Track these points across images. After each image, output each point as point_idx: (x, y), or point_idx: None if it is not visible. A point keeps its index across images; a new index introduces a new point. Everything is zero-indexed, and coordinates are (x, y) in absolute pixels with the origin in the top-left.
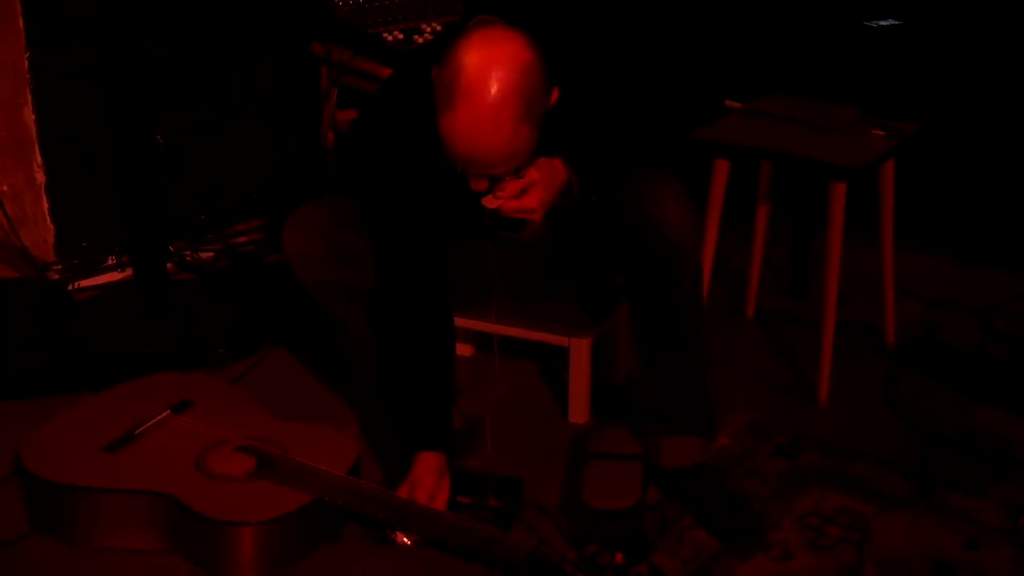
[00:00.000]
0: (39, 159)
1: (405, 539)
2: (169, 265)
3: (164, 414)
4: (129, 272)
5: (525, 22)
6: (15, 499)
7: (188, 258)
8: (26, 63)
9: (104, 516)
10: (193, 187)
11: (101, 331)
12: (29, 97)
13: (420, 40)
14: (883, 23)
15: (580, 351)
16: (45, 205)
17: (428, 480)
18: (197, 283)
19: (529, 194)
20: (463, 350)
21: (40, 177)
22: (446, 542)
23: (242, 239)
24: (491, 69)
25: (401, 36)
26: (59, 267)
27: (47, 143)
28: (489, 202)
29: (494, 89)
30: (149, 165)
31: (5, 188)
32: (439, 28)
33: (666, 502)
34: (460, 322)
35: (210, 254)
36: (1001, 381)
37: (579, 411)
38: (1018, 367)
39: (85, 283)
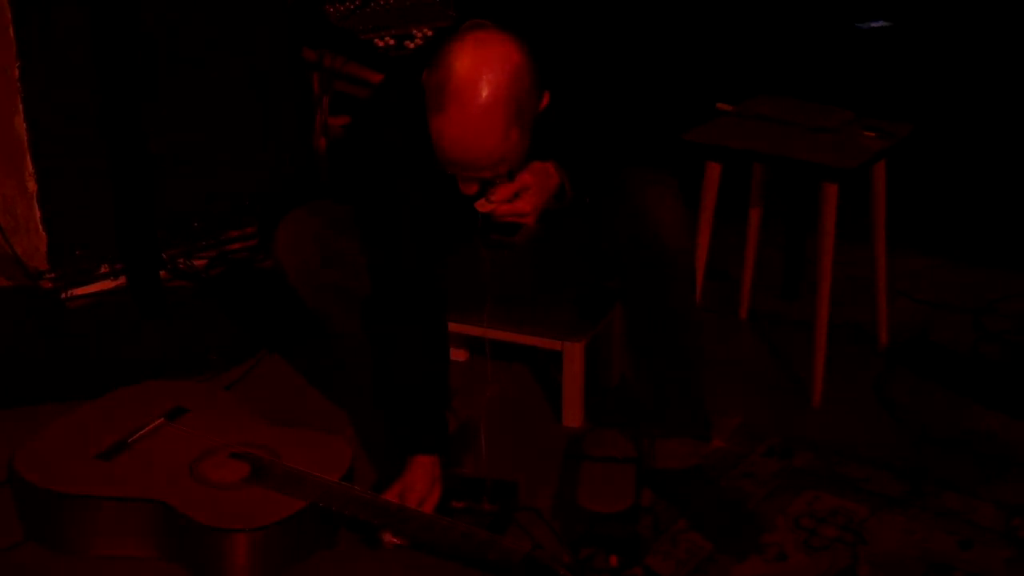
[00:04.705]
0: (31, 168)
1: (393, 539)
2: (162, 272)
3: (158, 421)
4: (122, 280)
5: (516, 26)
6: (9, 507)
7: (181, 265)
8: (17, 72)
9: (99, 524)
10: (186, 194)
11: (95, 339)
12: (20, 106)
13: (411, 45)
14: (874, 25)
15: (573, 355)
16: (37, 213)
17: (420, 484)
18: (191, 290)
19: (522, 198)
20: (456, 355)
21: (32, 185)
22: (440, 546)
23: (235, 245)
24: (481, 72)
25: (392, 42)
26: (52, 275)
27: (39, 151)
28: (482, 206)
29: (484, 92)
30: (141, 172)
31: None
32: (430, 33)
33: (660, 504)
34: (453, 327)
35: (203, 261)
36: (994, 381)
37: (573, 414)
38: (1011, 367)
39: (78, 291)
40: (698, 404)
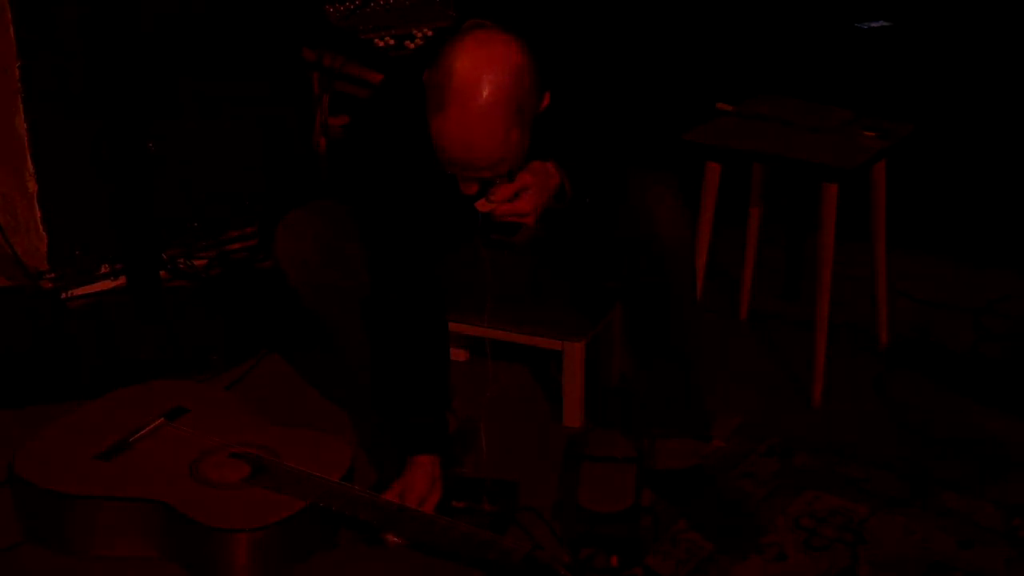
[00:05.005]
0: (31, 167)
1: (393, 539)
2: (162, 272)
3: (158, 421)
4: (122, 280)
5: (516, 26)
6: (9, 507)
7: (181, 265)
8: (17, 72)
9: (99, 524)
10: (185, 194)
11: (95, 339)
12: (20, 106)
13: (411, 45)
14: (874, 24)
15: (574, 355)
16: (38, 213)
17: (420, 484)
18: (190, 290)
19: (522, 198)
20: (457, 355)
21: (32, 185)
22: (440, 546)
23: (235, 246)
24: (482, 72)
25: (392, 42)
26: (52, 275)
27: (39, 151)
28: (482, 206)
29: (485, 92)
30: (141, 172)
31: None
32: (430, 33)
33: (660, 504)
34: (454, 327)
35: (203, 261)
36: (995, 381)
37: (573, 414)
38: (1011, 367)
39: (78, 291)
40: (698, 404)
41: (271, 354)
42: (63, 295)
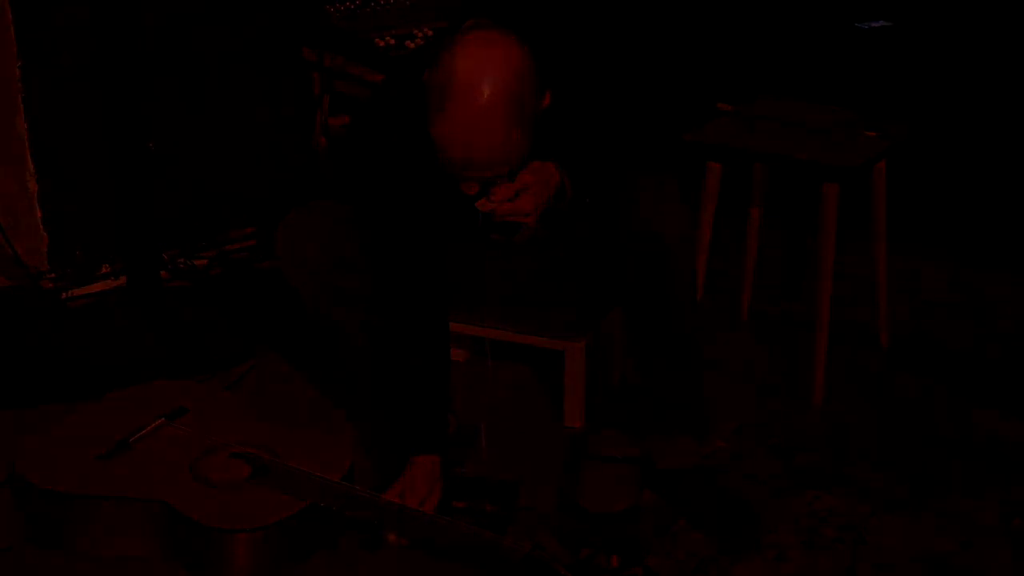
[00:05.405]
0: (32, 167)
1: (394, 539)
2: (162, 273)
3: (158, 421)
4: (123, 280)
5: (517, 25)
6: (9, 508)
7: (181, 265)
8: (17, 72)
9: (99, 524)
10: (186, 194)
11: (95, 339)
12: (21, 106)
13: (412, 45)
14: (874, 24)
15: (574, 355)
16: (38, 214)
17: (420, 484)
18: (190, 290)
19: (523, 197)
20: (457, 355)
21: (33, 186)
22: (440, 546)
23: (235, 246)
24: (483, 72)
25: (393, 41)
26: (53, 275)
27: (40, 151)
28: (483, 206)
29: (486, 91)
30: (142, 172)
31: None
32: (431, 33)
33: (661, 504)
34: (454, 327)
35: (204, 261)
36: (996, 382)
37: (574, 414)
38: (1013, 368)
39: (79, 291)
40: (698, 404)
41: (271, 354)
42: (63, 295)
